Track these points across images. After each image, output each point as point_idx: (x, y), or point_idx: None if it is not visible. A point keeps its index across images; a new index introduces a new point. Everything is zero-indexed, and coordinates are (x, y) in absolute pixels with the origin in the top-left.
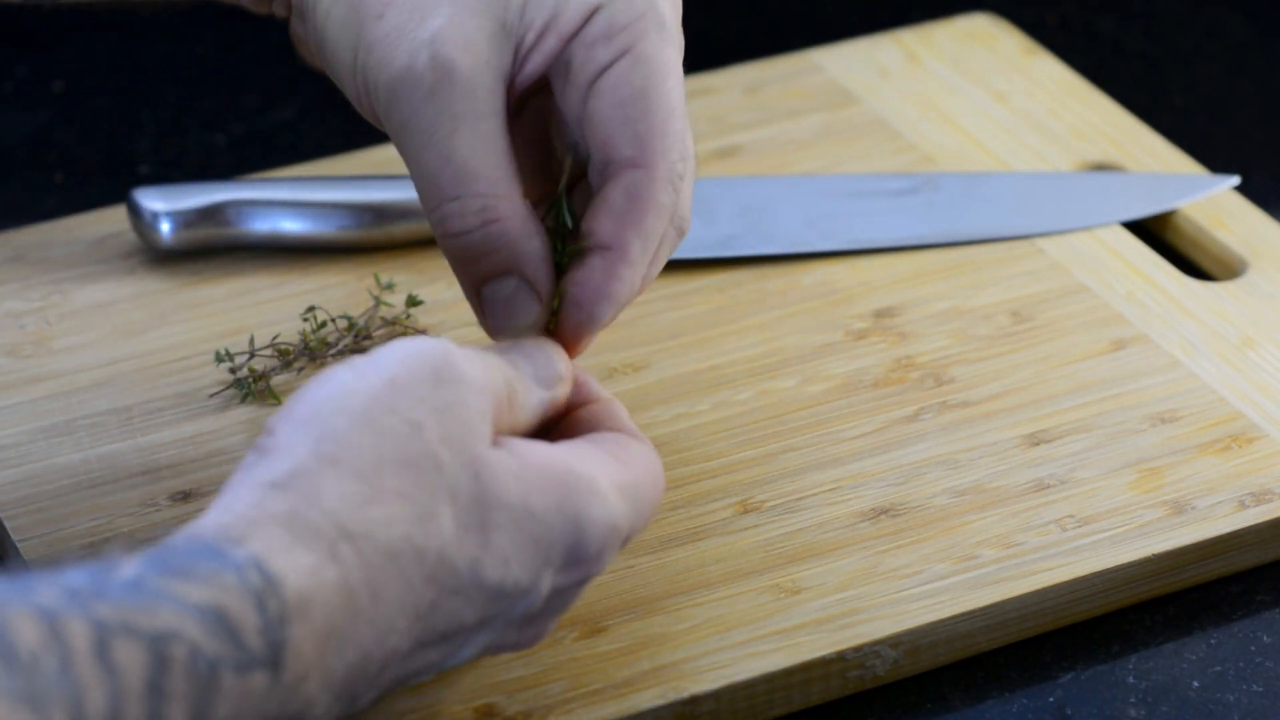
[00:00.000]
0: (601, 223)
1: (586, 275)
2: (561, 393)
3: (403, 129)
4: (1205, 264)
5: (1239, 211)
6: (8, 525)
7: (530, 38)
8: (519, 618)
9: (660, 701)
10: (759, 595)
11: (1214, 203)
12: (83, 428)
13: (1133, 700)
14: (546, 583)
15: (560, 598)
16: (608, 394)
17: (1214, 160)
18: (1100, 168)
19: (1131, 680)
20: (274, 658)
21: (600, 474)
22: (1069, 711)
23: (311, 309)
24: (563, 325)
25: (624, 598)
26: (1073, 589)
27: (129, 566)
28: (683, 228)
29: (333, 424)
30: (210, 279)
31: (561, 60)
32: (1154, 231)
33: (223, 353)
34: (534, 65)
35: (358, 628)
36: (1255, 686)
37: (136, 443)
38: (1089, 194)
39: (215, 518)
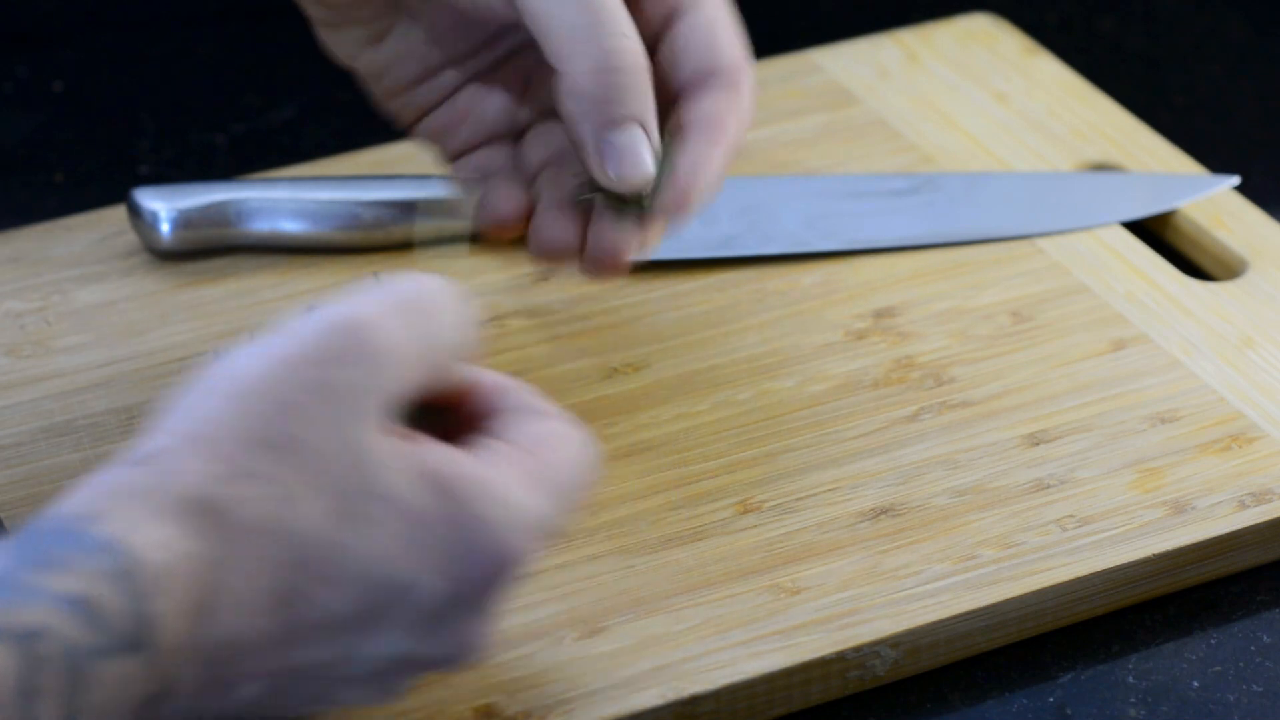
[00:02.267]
0: (703, 103)
1: (692, 146)
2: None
3: None
4: (1205, 264)
5: (1239, 211)
6: (8, 525)
7: None
8: (412, 621)
9: (660, 701)
10: (759, 595)
11: (1214, 203)
12: (83, 428)
13: (1133, 700)
14: (434, 585)
15: (467, 602)
16: (503, 377)
17: (1214, 160)
18: (1100, 168)
19: (1131, 680)
20: (142, 637)
21: (503, 475)
22: (1069, 711)
23: (311, 309)
24: (667, 195)
25: (624, 598)
26: (1073, 589)
27: None
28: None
29: (204, 403)
30: (210, 279)
31: None
32: (1154, 231)
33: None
34: None
35: (221, 601)
36: (1255, 686)
37: None
38: (1089, 194)
39: (77, 496)
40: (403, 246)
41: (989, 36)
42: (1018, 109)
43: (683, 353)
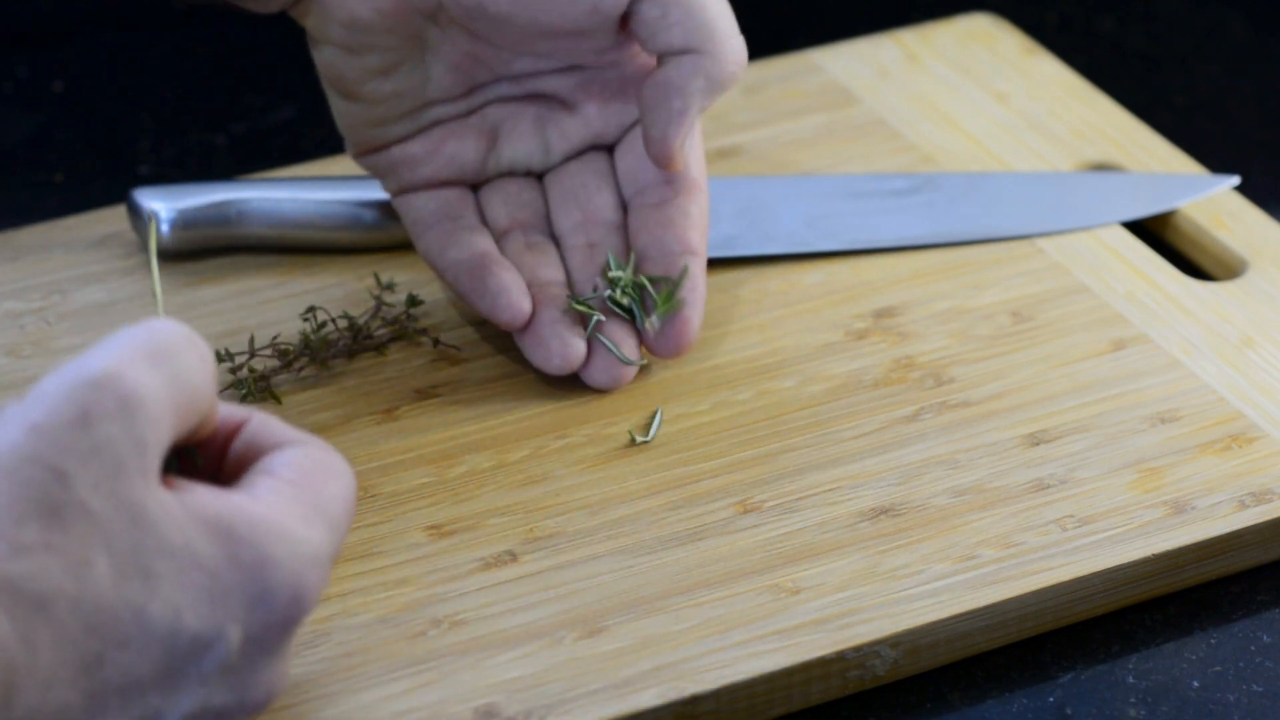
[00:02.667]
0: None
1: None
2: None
3: None
4: (1205, 264)
5: (1239, 211)
6: None
7: None
8: (215, 672)
9: (660, 701)
10: (759, 595)
11: (1214, 203)
12: None
13: (1133, 700)
14: (235, 633)
15: (265, 645)
16: (250, 411)
17: (1214, 160)
18: (1100, 168)
19: (1131, 680)
20: None
21: (281, 511)
22: (1069, 711)
23: (311, 309)
24: (670, 331)
25: (624, 598)
26: (1073, 589)
27: None
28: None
29: None
30: (210, 279)
31: None
32: (1154, 231)
33: (223, 353)
34: None
35: (22, 681)
36: (1255, 686)
37: None
38: (1089, 194)
39: None
40: (403, 246)
41: (989, 36)
42: (1018, 109)
43: (683, 353)
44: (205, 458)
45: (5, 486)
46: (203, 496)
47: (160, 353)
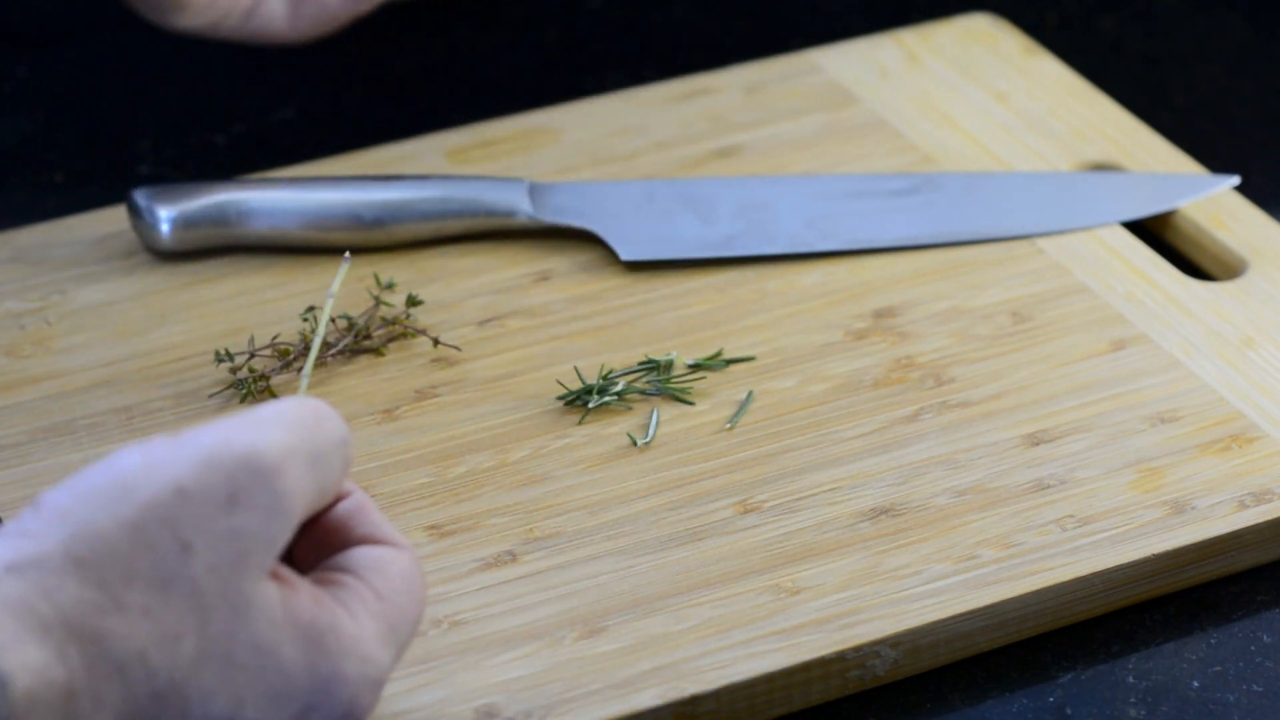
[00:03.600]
0: None
1: None
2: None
3: None
4: (1205, 264)
5: (1239, 211)
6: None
7: None
8: None
9: (660, 701)
10: (759, 595)
11: (1214, 203)
12: (83, 428)
13: (1133, 700)
14: None
15: None
16: (352, 485)
17: (1214, 160)
18: (1100, 168)
19: (1131, 680)
20: None
21: (363, 627)
22: (1069, 711)
23: (311, 309)
24: None
25: (624, 598)
26: (1073, 589)
27: None
28: None
29: (95, 523)
30: (210, 279)
31: None
32: (1154, 231)
33: (223, 353)
34: None
35: None
36: (1255, 686)
37: None
38: (1089, 194)
39: None
40: (403, 246)
41: (989, 36)
42: (1018, 109)
43: (683, 352)
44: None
45: (130, 543)
46: (303, 601)
47: (319, 455)
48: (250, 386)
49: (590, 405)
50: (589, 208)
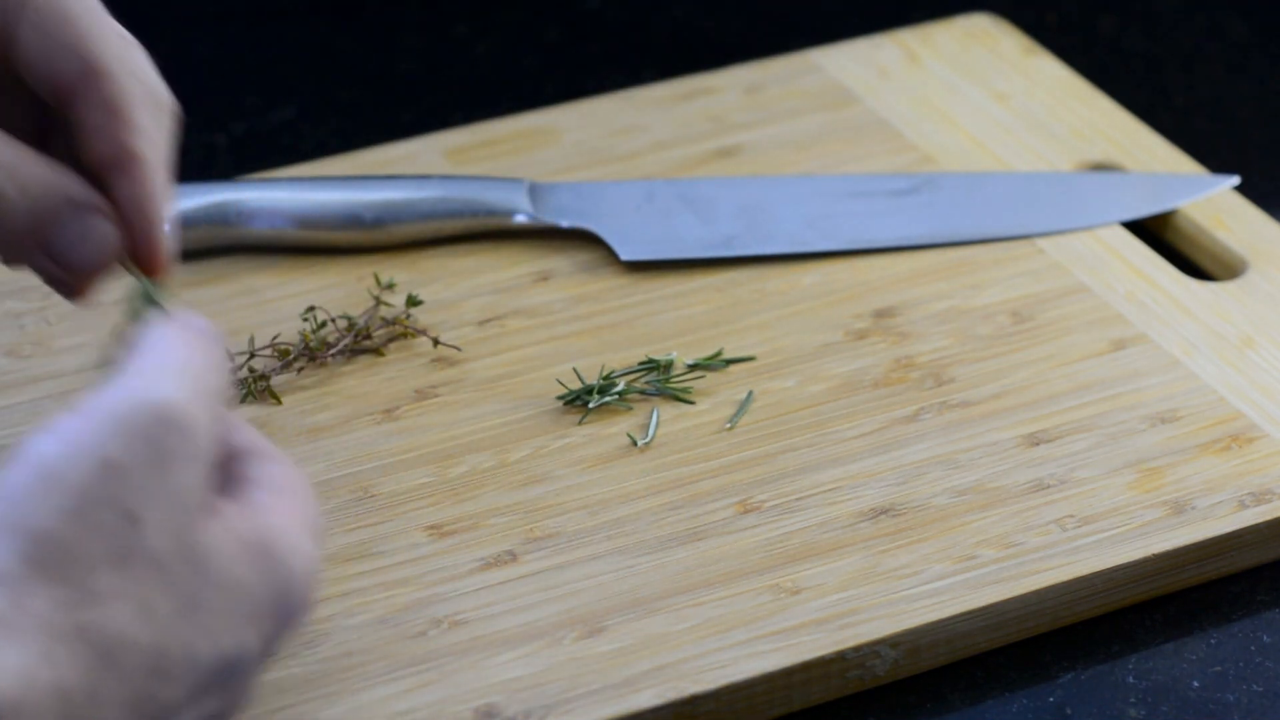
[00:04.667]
0: (97, 147)
1: (127, 187)
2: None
3: None
4: (1205, 264)
5: (1239, 211)
6: None
7: None
8: (235, 682)
9: (660, 701)
10: (759, 595)
11: (1214, 203)
12: None
13: (1133, 700)
14: (257, 645)
15: (270, 651)
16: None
17: (1214, 160)
18: (1100, 168)
19: (1131, 680)
20: None
21: (291, 523)
22: (1069, 711)
23: (311, 309)
24: (139, 245)
25: (624, 598)
26: (1073, 589)
27: None
28: (165, 102)
29: (40, 523)
30: (210, 279)
31: None
32: (1154, 231)
33: None
34: None
35: None
36: (1255, 686)
37: None
38: (1089, 194)
39: None
40: (403, 246)
41: (989, 36)
42: (1018, 109)
43: (683, 352)
44: None
45: (79, 532)
46: (237, 523)
47: (214, 381)
48: (250, 386)
49: (590, 405)
50: (589, 208)
